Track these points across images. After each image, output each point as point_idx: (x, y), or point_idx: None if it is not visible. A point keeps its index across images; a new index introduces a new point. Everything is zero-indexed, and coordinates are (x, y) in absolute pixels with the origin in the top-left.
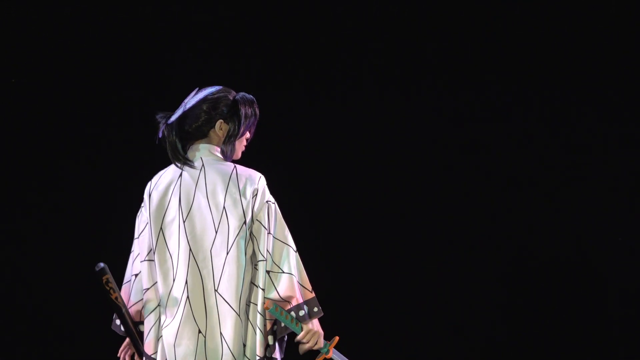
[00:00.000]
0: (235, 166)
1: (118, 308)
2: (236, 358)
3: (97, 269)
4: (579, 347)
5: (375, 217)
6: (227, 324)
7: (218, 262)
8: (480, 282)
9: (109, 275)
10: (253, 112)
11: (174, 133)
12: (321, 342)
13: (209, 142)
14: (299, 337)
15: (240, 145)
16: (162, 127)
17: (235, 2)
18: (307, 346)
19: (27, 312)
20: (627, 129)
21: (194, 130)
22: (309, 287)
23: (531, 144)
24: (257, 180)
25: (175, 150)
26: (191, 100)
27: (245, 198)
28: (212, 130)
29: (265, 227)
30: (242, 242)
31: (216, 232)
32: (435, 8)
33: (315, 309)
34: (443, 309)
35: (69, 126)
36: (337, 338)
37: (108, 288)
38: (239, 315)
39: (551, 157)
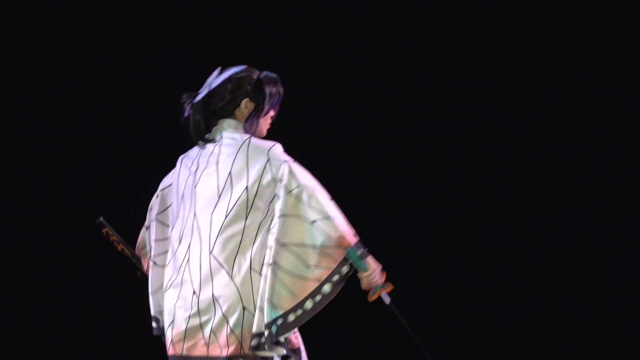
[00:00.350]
0: (250, 137)
1: (127, 260)
2: (229, 321)
3: (96, 223)
4: (579, 347)
5: (374, 217)
6: (220, 286)
7: (216, 226)
8: (480, 282)
9: (108, 228)
10: (277, 91)
11: (199, 112)
12: (381, 279)
13: (234, 119)
14: (365, 275)
15: (266, 124)
16: (187, 106)
17: (235, 2)
18: (366, 284)
19: (27, 312)
20: (627, 129)
21: (219, 109)
22: (351, 229)
23: (531, 144)
24: (267, 149)
25: (198, 130)
26: (216, 80)
27: (254, 166)
28: (238, 109)
29: (284, 183)
30: (244, 209)
31: (219, 198)
32: (435, 8)
33: (364, 248)
34: (442, 308)
35: (69, 126)
36: (391, 286)
37: (111, 241)
38: (232, 279)
39: (551, 157)
